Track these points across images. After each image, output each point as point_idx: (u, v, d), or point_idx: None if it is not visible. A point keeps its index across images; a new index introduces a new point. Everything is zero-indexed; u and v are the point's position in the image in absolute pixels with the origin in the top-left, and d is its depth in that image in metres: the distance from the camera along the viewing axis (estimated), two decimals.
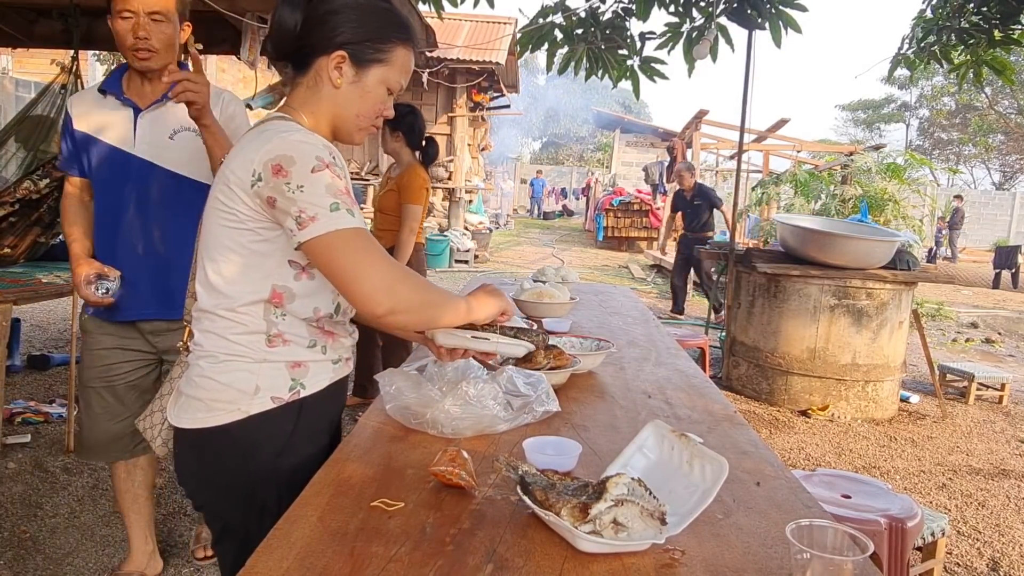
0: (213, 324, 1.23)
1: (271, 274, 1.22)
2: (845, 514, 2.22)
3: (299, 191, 1.13)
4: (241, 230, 1.20)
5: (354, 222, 1.15)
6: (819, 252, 4.73)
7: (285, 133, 1.17)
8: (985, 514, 3.44)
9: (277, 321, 1.23)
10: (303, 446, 1.28)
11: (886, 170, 7.85)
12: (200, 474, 1.29)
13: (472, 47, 11.55)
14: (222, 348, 1.23)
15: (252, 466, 1.24)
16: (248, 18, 4.02)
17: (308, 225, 1.12)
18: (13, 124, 4.23)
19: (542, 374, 1.57)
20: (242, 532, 1.25)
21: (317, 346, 1.28)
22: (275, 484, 1.24)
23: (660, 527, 0.93)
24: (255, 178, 1.15)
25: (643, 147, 24.51)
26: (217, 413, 1.22)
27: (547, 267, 3.31)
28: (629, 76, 4.00)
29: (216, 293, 1.22)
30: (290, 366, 1.25)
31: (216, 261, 1.22)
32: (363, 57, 1.25)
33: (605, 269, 12.84)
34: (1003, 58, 4.12)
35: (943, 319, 9.26)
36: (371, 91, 1.28)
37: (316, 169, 1.14)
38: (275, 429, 1.24)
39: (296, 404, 1.25)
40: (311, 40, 1.24)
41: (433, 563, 0.89)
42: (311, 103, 1.28)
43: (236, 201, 1.18)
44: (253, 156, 1.16)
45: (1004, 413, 5.23)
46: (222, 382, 1.22)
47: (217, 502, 1.31)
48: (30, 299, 3.56)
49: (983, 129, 27.86)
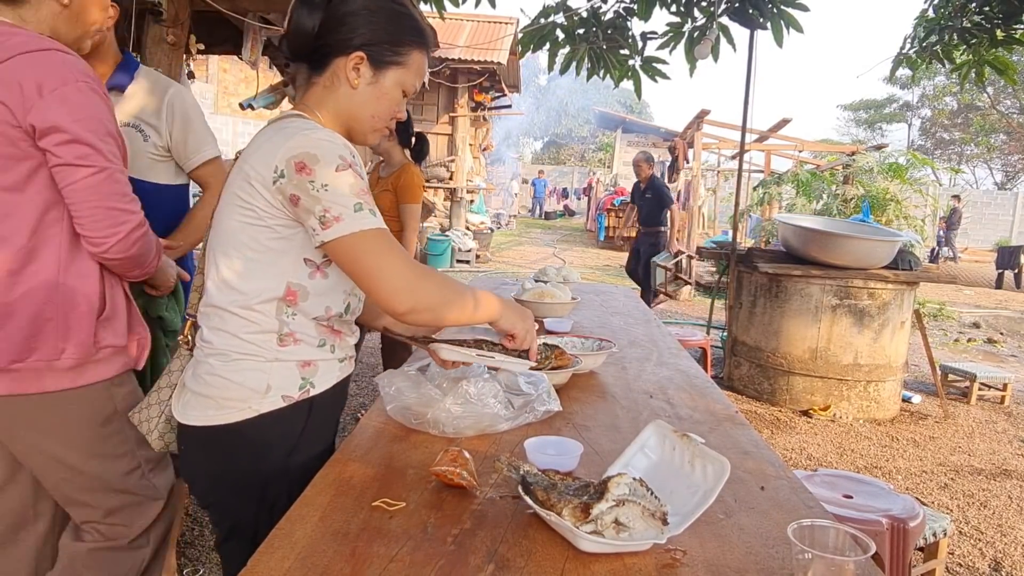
0: (224, 322, 1.23)
1: (286, 271, 1.22)
2: (847, 514, 2.22)
3: (323, 190, 1.14)
4: (259, 227, 1.20)
5: (377, 222, 1.17)
6: (821, 252, 4.73)
7: (308, 131, 1.18)
8: (987, 514, 3.43)
9: (288, 320, 1.24)
10: (312, 444, 1.29)
11: (888, 170, 7.85)
12: (210, 472, 1.29)
13: (473, 47, 11.55)
14: (234, 347, 1.23)
15: (263, 464, 1.25)
16: (250, 18, 4.02)
17: (332, 225, 1.14)
18: None
19: (543, 373, 1.57)
20: (252, 531, 1.24)
21: (326, 345, 1.29)
22: (286, 482, 1.24)
23: (662, 527, 0.93)
24: (277, 174, 1.16)
25: (644, 147, 24.51)
26: (228, 411, 1.22)
27: (548, 267, 3.31)
28: (631, 76, 4.00)
29: (230, 290, 1.22)
30: (300, 365, 1.25)
31: (231, 257, 1.22)
32: (381, 59, 1.26)
33: (606, 269, 12.84)
34: (1005, 58, 4.11)
35: (945, 319, 9.25)
36: (388, 93, 1.29)
37: (340, 168, 1.15)
38: (286, 427, 1.25)
39: (306, 403, 1.26)
40: (329, 41, 1.25)
41: (434, 563, 0.89)
42: (327, 103, 1.29)
43: (256, 197, 1.19)
44: (276, 152, 1.16)
45: (1006, 413, 5.23)
46: (234, 380, 1.22)
47: (226, 500, 1.31)
48: None
49: (985, 129, 27.83)
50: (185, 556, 2.60)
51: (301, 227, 1.19)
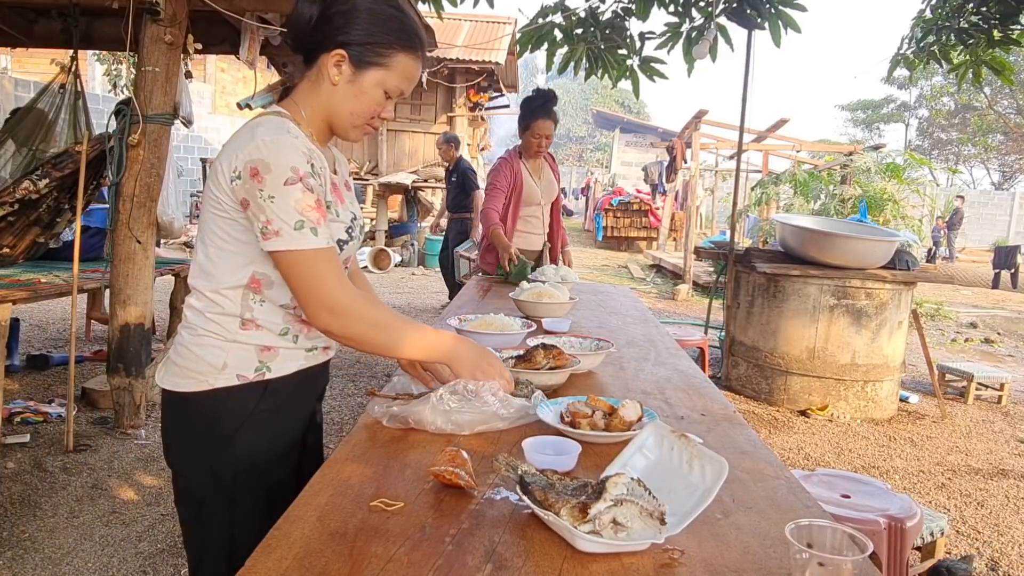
0: (198, 301, 1.32)
1: (253, 261, 1.29)
2: (844, 514, 2.22)
3: (269, 201, 1.19)
4: (227, 219, 1.27)
5: (316, 242, 1.22)
6: (818, 252, 4.73)
7: (270, 136, 1.21)
8: (984, 514, 3.44)
9: (254, 307, 1.30)
10: (264, 425, 1.34)
11: (885, 170, 7.86)
12: (171, 432, 1.38)
13: (472, 47, 11.54)
14: (200, 323, 1.31)
15: (212, 434, 1.32)
16: (247, 18, 4.01)
17: (271, 238, 1.20)
18: (12, 124, 4.22)
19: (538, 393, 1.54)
20: (198, 496, 1.33)
21: (289, 334, 1.34)
22: (231, 457, 1.31)
23: (659, 527, 0.93)
24: (235, 175, 1.22)
25: (642, 147, 24.54)
26: (188, 381, 1.30)
27: (546, 267, 3.31)
28: (629, 76, 4.00)
29: (204, 274, 1.31)
30: (259, 349, 1.32)
31: (206, 245, 1.30)
32: (362, 59, 1.29)
33: (604, 269, 12.85)
34: (1002, 58, 4.12)
35: (942, 319, 9.27)
36: (366, 92, 1.31)
37: (289, 182, 1.20)
38: (236, 405, 1.31)
39: (260, 384, 1.32)
40: (317, 36, 1.29)
41: (432, 563, 0.89)
42: (311, 97, 1.34)
43: (221, 192, 1.25)
44: (238, 153, 1.22)
45: (1003, 413, 5.24)
46: (196, 354, 1.30)
47: (180, 461, 1.38)
48: (29, 299, 3.56)
49: (982, 129, 27.87)
50: (183, 557, 2.60)
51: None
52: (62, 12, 4.15)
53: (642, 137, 25.53)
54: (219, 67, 16.78)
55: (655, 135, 23.86)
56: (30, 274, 3.91)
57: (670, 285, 11.05)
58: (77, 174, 3.66)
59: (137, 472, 3.28)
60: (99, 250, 4.49)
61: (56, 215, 4.12)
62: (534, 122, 3.60)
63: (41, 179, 3.76)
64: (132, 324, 3.69)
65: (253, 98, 5.88)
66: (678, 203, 14.85)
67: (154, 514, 2.90)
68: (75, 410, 3.76)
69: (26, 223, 4.01)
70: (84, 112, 4.16)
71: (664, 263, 12.78)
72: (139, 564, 2.54)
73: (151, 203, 3.68)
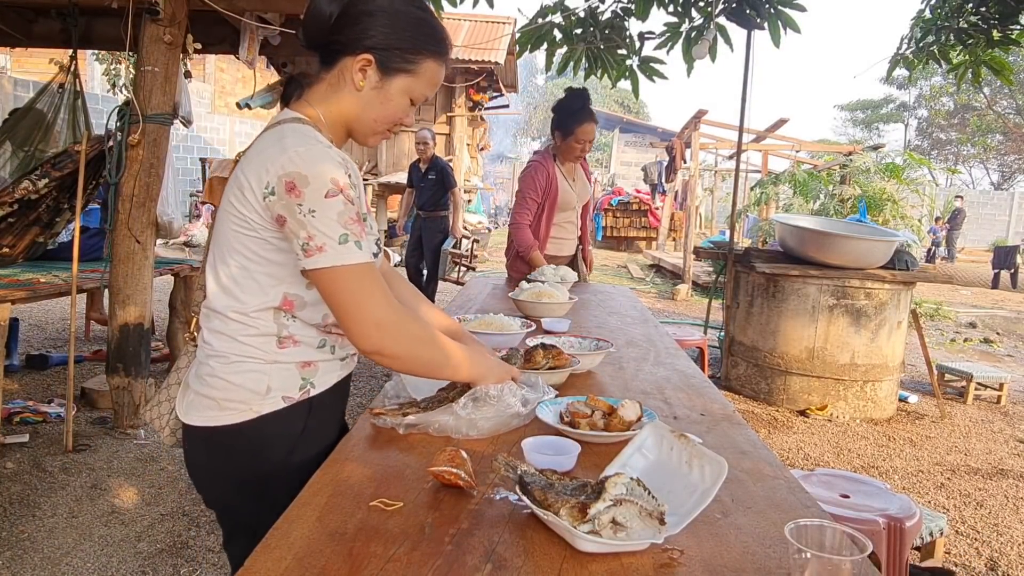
0: (224, 325, 1.23)
1: (283, 281, 1.21)
2: (844, 514, 2.22)
3: (310, 215, 1.11)
4: (254, 237, 1.19)
5: (361, 256, 1.15)
6: (818, 252, 4.74)
7: (303, 146, 1.14)
8: (983, 514, 3.44)
9: (288, 324, 1.23)
10: (313, 442, 1.29)
11: (885, 170, 7.87)
12: (212, 470, 1.30)
13: (471, 47, 11.54)
14: (233, 349, 1.22)
15: (264, 464, 1.25)
16: (247, 18, 4.01)
17: (315, 254, 1.12)
18: (11, 124, 4.22)
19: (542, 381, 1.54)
20: (252, 529, 1.23)
21: (326, 346, 1.28)
22: (286, 481, 1.23)
23: (659, 527, 0.93)
24: (268, 191, 1.14)
25: (642, 147, 24.52)
26: (229, 412, 1.22)
27: (546, 267, 3.30)
28: (628, 76, 4.00)
29: (227, 296, 1.22)
30: (300, 366, 1.25)
31: (228, 264, 1.22)
32: (390, 64, 1.23)
33: (604, 269, 12.84)
34: (1001, 58, 4.12)
35: (942, 319, 9.27)
36: (393, 99, 1.26)
37: (330, 194, 1.12)
38: (286, 427, 1.25)
39: (306, 403, 1.26)
40: (341, 37, 1.22)
41: (432, 563, 0.89)
42: (331, 101, 1.26)
43: (249, 209, 1.17)
44: (268, 167, 1.14)
45: (1002, 413, 5.24)
46: (234, 383, 1.22)
47: (228, 499, 1.31)
48: (28, 298, 3.56)
49: (981, 129, 27.88)
50: (182, 557, 2.60)
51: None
52: (61, 12, 4.15)
53: (641, 137, 25.51)
54: (218, 67, 16.78)
55: (654, 135, 23.84)
56: (29, 274, 3.90)
57: (669, 285, 11.05)
58: (76, 174, 3.66)
59: (136, 472, 3.28)
60: (99, 250, 4.49)
61: (55, 215, 4.12)
62: (579, 127, 3.39)
63: (40, 179, 3.76)
64: (131, 324, 3.68)
65: (252, 98, 5.87)
66: (677, 203, 14.84)
67: (153, 514, 2.90)
68: (74, 410, 3.75)
69: (25, 223, 4.01)
70: (83, 112, 4.16)
71: (663, 263, 12.78)
72: (138, 564, 2.54)
73: (150, 203, 3.68)
